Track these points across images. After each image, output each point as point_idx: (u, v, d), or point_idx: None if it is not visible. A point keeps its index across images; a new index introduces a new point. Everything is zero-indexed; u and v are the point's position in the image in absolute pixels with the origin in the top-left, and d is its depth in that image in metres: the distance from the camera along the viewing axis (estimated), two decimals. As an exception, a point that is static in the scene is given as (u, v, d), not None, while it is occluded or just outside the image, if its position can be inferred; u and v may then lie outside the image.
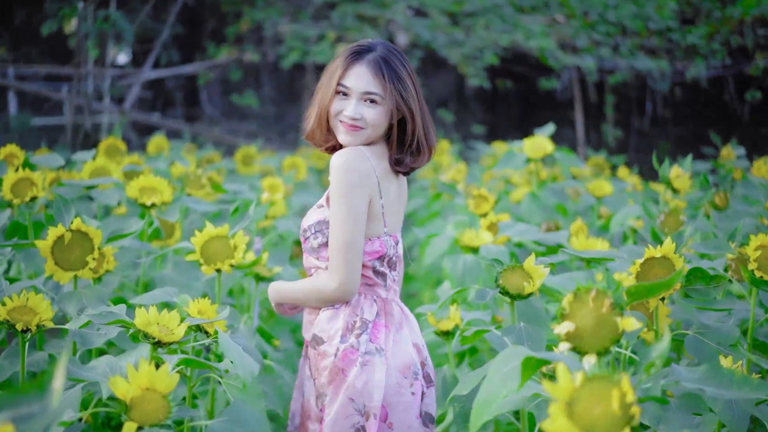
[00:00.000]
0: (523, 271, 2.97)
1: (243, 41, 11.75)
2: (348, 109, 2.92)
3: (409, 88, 2.95)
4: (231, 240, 3.38)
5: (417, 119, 2.97)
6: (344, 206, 2.83)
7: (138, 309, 2.58)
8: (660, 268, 2.93)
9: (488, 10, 11.14)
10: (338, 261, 2.85)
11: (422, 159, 3.03)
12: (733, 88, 11.92)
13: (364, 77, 2.91)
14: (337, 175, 2.85)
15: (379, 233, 2.94)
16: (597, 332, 2.01)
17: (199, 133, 11.05)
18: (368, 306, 2.94)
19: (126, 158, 5.55)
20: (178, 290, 4.12)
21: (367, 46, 2.97)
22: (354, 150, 2.89)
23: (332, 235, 2.86)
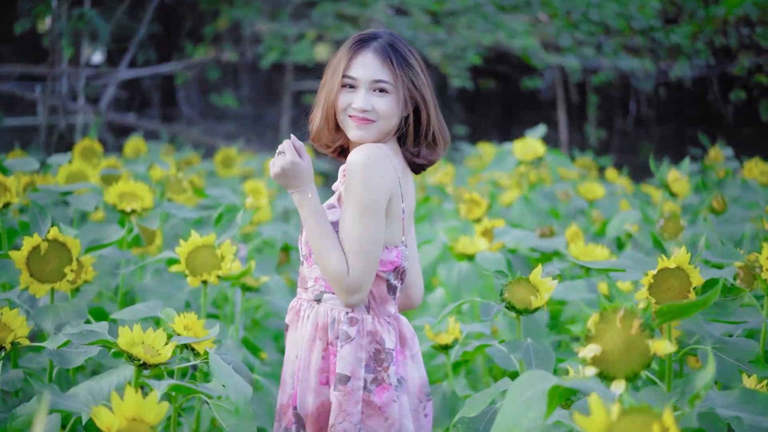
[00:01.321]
0: (529, 283, 2.81)
1: (221, 40, 11.55)
2: (357, 100, 2.68)
3: (420, 75, 2.73)
4: (218, 249, 3.20)
5: (431, 108, 2.75)
6: (367, 214, 2.57)
7: (121, 328, 2.39)
8: (675, 280, 2.78)
9: (470, 9, 10.98)
10: (358, 280, 2.59)
11: (438, 152, 2.80)
12: (717, 88, 11.84)
13: (371, 65, 2.68)
14: (358, 172, 2.58)
15: (397, 242, 2.70)
16: (626, 356, 1.85)
17: (176, 134, 10.84)
18: (386, 332, 2.69)
19: (103, 161, 5.35)
20: (160, 301, 3.94)
21: (371, 34, 2.76)
22: (373, 146, 2.63)
23: (348, 230, 2.59)
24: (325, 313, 2.72)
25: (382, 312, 2.71)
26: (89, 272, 3.44)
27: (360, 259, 2.58)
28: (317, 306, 2.74)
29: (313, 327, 2.73)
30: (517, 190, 5.75)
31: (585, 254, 3.95)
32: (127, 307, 4.29)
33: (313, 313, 2.74)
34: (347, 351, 2.65)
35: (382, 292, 2.70)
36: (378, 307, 2.70)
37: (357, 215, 2.58)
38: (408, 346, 2.75)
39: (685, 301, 1.89)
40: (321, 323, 2.71)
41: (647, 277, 2.78)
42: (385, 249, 2.67)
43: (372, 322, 2.68)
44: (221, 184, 7.09)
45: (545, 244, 4.10)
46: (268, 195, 5.43)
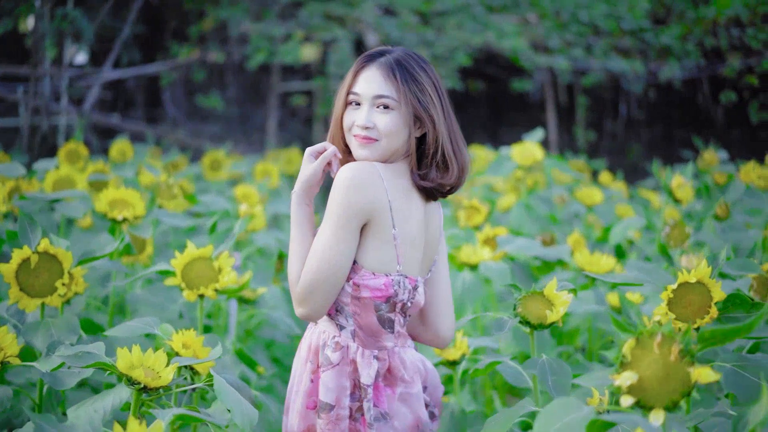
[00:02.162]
0: (544, 297, 2.69)
1: (207, 41, 11.38)
2: (359, 117, 2.58)
3: (428, 92, 2.59)
4: (215, 261, 3.08)
5: (440, 128, 2.60)
6: (334, 229, 2.48)
7: (120, 350, 2.26)
8: (695, 295, 2.67)
9: (459, 9, 10.86)
10: (305, 291, 2.51)
11: (450, 176, 2.63)
12: (707, 89, 11.77)
13: (375, 80, 2.58)
14: (338, 192, 2.48)
15: (389, 269, 2.54)
16: (665, 384, 1.73)
17: (162, 136, 10.68)
18: (365, 366, 2.56)
19: (90, 165, 5.21)
20: (155, 317, 3.81)
21: (381, 50, 2.64)
22: (363, 164, 2.52)
23: (310, 257, 2.51)
24: (318, 334, 2.64)
25: (372, 344, 2.59)
26: (80, 284, 3.30)
27: (310, 271, 2.51)
28: (313, 326, 2.68)
29: (307, 347, 2.66)
30: (513, 195, 5.64)
31: (590, 264, 3.84)
32: (117, 317, 4.18)
33: (309, 333, 2.69)
34: (329, 377, 2.57)
35: (372, 322, 2.57)
36: (366, 338, 2.59)
37: (325, 229, 2.51)
38: (402, 383, 2.62)
39: (729, 326, 1.78)
40: (314, 345, 2.64)
41: (666, 291, 2.67)
42: (372, 275, 2.54)
43: (355, 351, 2.58)
44: (209, 188, 6.96)
45: (549, 253, 3.98)
46: (259, 200, 5.29)
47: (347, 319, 2.57)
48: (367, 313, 2.55)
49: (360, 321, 2.56)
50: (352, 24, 10.73)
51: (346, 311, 2.56)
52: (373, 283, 2.53)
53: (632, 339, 1.76)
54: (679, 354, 1.73)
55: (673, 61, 10.97)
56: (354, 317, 2.56)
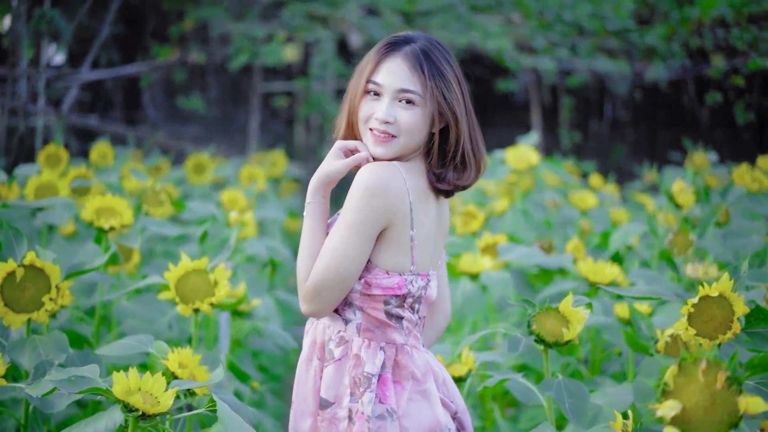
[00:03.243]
0: (559, 313, 2.57)
1: (187, 41, 11.21)
2: (379, 110, 2.42)
3: (453, 88, 2.45)
4: (210, 274, 2.94)
5: (462, 126, 2.46)
6: (350, 233, 2.34)
7: (116, 374, 2.12)
8: (717, 309, 2.55)
9: (442, 9, 10.74)
10: (313, 290, 2.38)
11: (468, 176, 2.51)
12: (692, 90, 11.71)
13: (400, 72, 2.42)
14: (359, 196, 2.34)
15: (403, 269, 2.43)
16: (711, 415, 1.61)
17: (142, 138, 10.50)
18: (371, 356, 2.42)
19: (71, 170, 5.05)
20: (141, 325, 3.67)
21: (405, 37, 2.48)
22: (387, 167, 2.38)
23: (322, 256, 2.38)
24: (323, 330, 2.50)
25: (380, 337, 2.45)
26: (66, 297, 3.15)
27: (322, 269, 2.37)
28: (316, 322, 2.53)
29: (311, 343, 2.52)
30: (506, 199, 5.51)
31: (594, 273, 3.72)
32: (102, 328, 4.03)
33: (312, 329, 2.55)
34: (331, 372, 2.45)
35: (379, 316, 2.45)
36: (375, 330, 2.45)
37: (341, 229, 2.37)
38: (413, 380, 2.46)
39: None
40: (319, 341, 2.50)
41: (687, 306, 2.56)
42: (385, 274, 2.42)
43: (359, 345, 2.44)
44: (193, 192, 6.81)
45: (551, 261, 3.86)
46: (247, 206, 5.14)
47: (354, 312, 2.45)
48: (375, 308, 2.44)
49: (367, 315, 2.44)
50: (335, 24, 10.60)
51: (354, 306, 2.45)
52: (386, 282, 2.42)
53: (675, 365, 1.64)
54: (725, 382, 1.61)
55: (658, 61, 10.90)
56: (361, 311, 2.44)
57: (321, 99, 10.68)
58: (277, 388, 5.57)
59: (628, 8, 10.96)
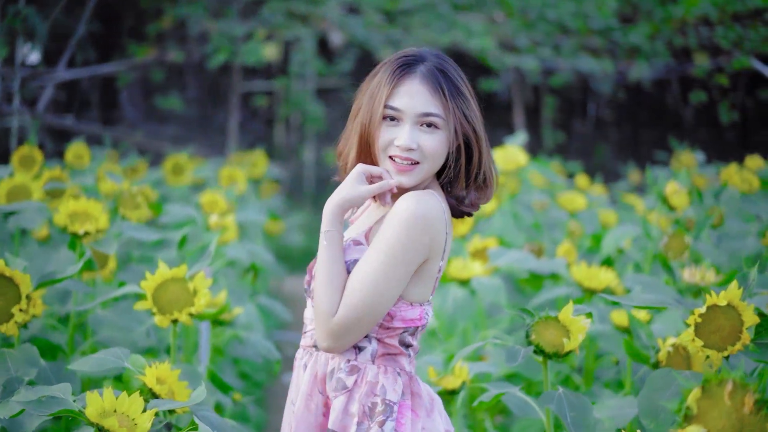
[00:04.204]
0: (559, 323, 2.44)
1: (165, 40, 11.04)
2: (401, 137, 2.26)
3: (472, 105, 2.31)
4: (189, 283, 2.78)
5: (483, 144, 2.32)
6: (390, 266, 2.19)
7: (90, 394, 1.97)
8: (724, 319, 2.43)
9: (424, 7, 10.63)
10: (343, 327, 2.21)
11: (488, 195, 2.38)
12: (676, 90, 11.64)
13: (419, 95, 2.26)
14: (403, 227, 2.19)
15: (423, 300, 2.29)
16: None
17: (119, 138, 10.32)
18: (391, 383, 2.27)
19: (46, 171, 4.88)
20: (117, 334, 3.51)
21: (416, 55, 2.31)
22: (431, 198, 2.23)
23: (355, 291, 2.21)
24: (325, 362, 2.32)
25: (393, 365, 2.30)
26: (38, 306, 3.00)
27: (355, 304, 2.20)
28: (316, 353, 2.34)
29: (311, 377, 2.33)
30: (493, 201, 5.37)
31: (589, 278, 3.60)
32: (77, 335, 3.87)
33: (312, 362, 2.35)
34: (341, 403, 2.27)
35: (394, 344, 2.30)
36: (386, 357, 2.30)
37: (379, 261, 2.20)
38: (422, 407, 2.33)
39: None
40: (320, 373, 2.32)
41: (693, 316, 2.43)
42: (409, 305, 2.28)
43: (376, 372, 2.28)
44: (172, 194, 6.65)
45: (544, 266, 3.73)
46: (227, 208, 4.99)
47: (370, 341, 2.29)
48: (391, 338, 2.29)
49: (382, 344, 2.29)
50: (315, 22, 10.46)
51: (370, 336, 2.29)
52: (409, 314, 2.28)
53: (698, 388, 1.51)
54: (754, 405, 1.47)
55: (642, 60, 10.82)
56: (377, 341, 2.29)
57: (301, 98, 10.54)
58: (259, 396, 5.43)
59: (611, 7, 10.87)
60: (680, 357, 2.88)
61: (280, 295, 8.27)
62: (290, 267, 8.70)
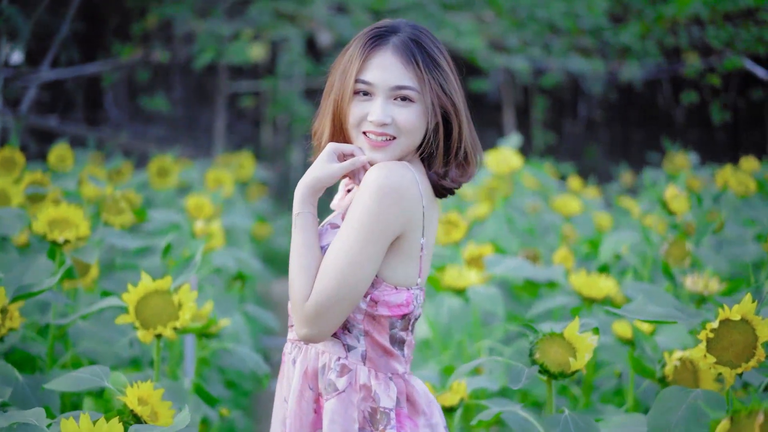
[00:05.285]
0: (564, 340, 2.31)
1: (150, 39, 10.88)
2: (373, 111, 2.15)
3: (450, 77, 2.19)
4: (174, 295, 2.65)
5: (462, 117, 2.21)
6: (362, 243, 2.06)
7: (65, 421, 1.84)
8: (738, 334, 2.31)
9: (412, 6, 10.51)
10: (316, 311, 2.08)
11: (470, 172, 2.27)
12: (667, 90, 11.55)
13: (392, 67, 2.15)
14: (372, 199, 2.07)
15: (411, 283, 2.16)
16: (771, 479, 1.36)
17: (104, 140, 10.16)
18: (384, 388, 2.14)
19: (27, 174, 4.73)
20: (98, 346, 3.37)
21: (388, 26, 2.20)
22: (400, 167, 2.12)
23: (327, 273, 2.08)
24: (316, 357, 2.19)
25: (383, 366, 2.17)
26: (15, 319, 2.87)
27: (327, 285, 2.08)
28: (306, 347, 2.21)
29: (301, 373, 2.20)
30: (486, 205, 5.25)
31: (588, 286, 3.47)
32: (59, 345, 3.72)
33: (301, 356, 2.22)
34: (335, 406, 2.14)
35: (385, 341, 2.17)
36: (378, 359, 2.17)
37: (350, 238, 2.08)
38: (423, 415, 2.21)
39: None
40: (311, 369, 2.19)
41: (705, 331, 2.30)
42: (393, 289, 2.15)
43: (366, 375, 2.15)
44: (157, 198, 6.50)
45: (541, 274, 3.61)
46: (213, 213, 4.85)
47: (358, 338, 2.16)
48: (380, 332, 2.16)
49: (372, 340, 2.16)
50: (303, 22, 10.32)
51: (357, 330, 2.16)
52: (394, 299, 2.15)
53: (726, 420, 1.38)
54: (788, 440, 1.35)
55: (633, 60, 10.73)
56: (366, 336, 2.16)
57: (289, 99, 10.41)
58: (246, 405, 5.30)
59: (601, 6, 10.77)
60: (687, 371, 2.76)
61: (268, 299, 8.14)
62: (277, 271, 8.57)
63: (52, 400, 2.81)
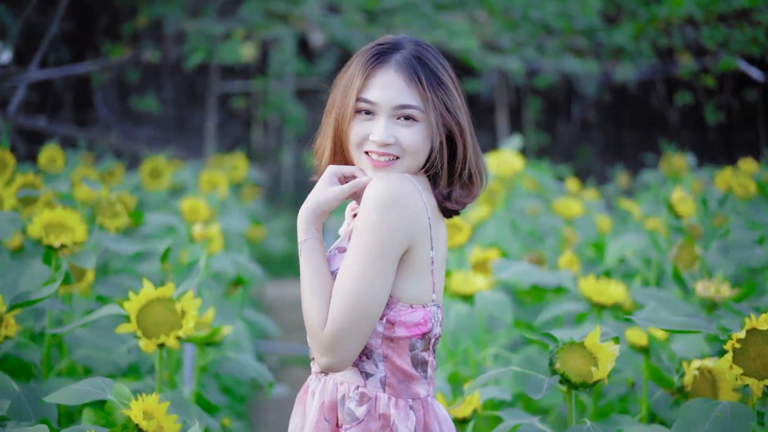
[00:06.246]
0: (585, 349, 2.23)
1: (141, 39, 10.76)
2: (376, 131, 2.08)
3: (455, 95, 2.13)
4: (177, 303, 2.56)
5: (467, 137, 2.14)
6: (371, 259, 1.99)
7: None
8: (765, 344, 2.23)
9: (405, 6, 10.42)
10: (334, 338, 2.00)
11: (474, 193, 2.19)
12: (662, 91, 11.50)
13: (395, 86, 2.08)
14: (376, 212, 2.00)
15: (425, 300, 2.09)
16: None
17: (94, 140, 10.05)
18: (402, 418, 2.06)
19: (18, 176, 4.62)
20: (96, 354, 3.28)
21: (391, 43, 2.14)
22: (400, 178, 2.05)
23: (340, 296, 2.01)
24: (334, 388, 2.11)
25: (405, 392, 2.09)
26: (11, 327, 2.78)
27: (342, 311, 2.00)
28: (324, 378, 2.13)
29: (318, 405, 2.12)
30: (486, 207, 5.17)
31: (598, 292, 3.39)
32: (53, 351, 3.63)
33: (320, 388, 2.14)
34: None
35: (405, 365, 2.09)
36: (399, 385, 2.09)
37: (358, 257, 2.01)
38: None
39: None
40: (328, 400, 2.11)
41: (731, 341, 2.23)
42: (409, 308, 2.07)
43: (386, 402, 2.07)
44: (149, 200, 6.40)
45: (549, 279, 3.52)
46: (209, 216, 4.76)
47: (377, 364, 2.08)
48: (400, 355, 2.08)
49: (392, 365, 2.08)
50: (295, 22, 10.23)
51: (376, 355, 2.08)
52: (410, 318, 2.07)
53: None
54: None
55: (627, 60, 10.68)
56: (385, 361, 2.08)
57: (281, 99, 10.32)
58: (243, 412, 5.21)
59: (594, 7, 10.72)
60: (706, 381, 2.68)
61: (262, 302, 8.05)
62: (271, 273, 8.48)
63: (50, 411, 2.72)
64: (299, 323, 7.00)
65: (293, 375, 6.23)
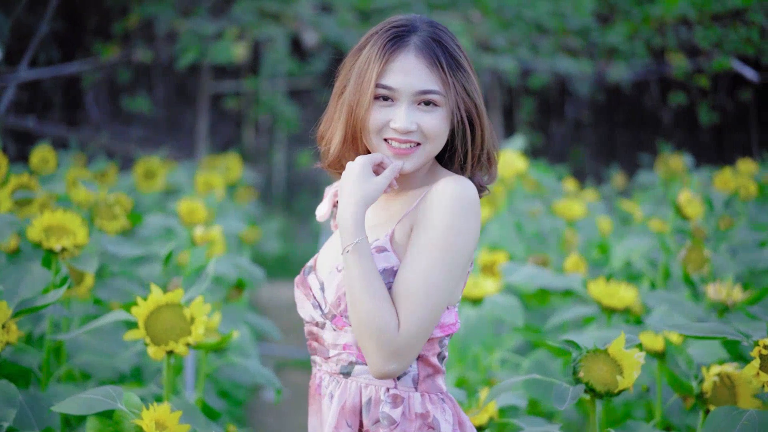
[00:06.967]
0: (609, 357, 2.17)
1: (132, 39, 10.68)
2: (398, 118, 2.01)
3: (472, 78, 2.07)
4: (186, 309, 2.49)
5: (485, 119, 2.09)
6: (448, 264, 1.93)
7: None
8: (790, 351, 2.18)
9: (398, 6, 10.36)
10: (409, 342, 1.91)
11: (492, 175, 2.15)
12: (655, 91, 11.47)
13: (416, 71, 2.01)
14: (454, 213, 1.93)
15: (455, 301, 2.06)
16: None
17: (85, 141, 9.96)
18: (441, 413, 2.02)
19: (12, 178, 4.55)
20: (98, 360, 3.21)
21: (406, 24, 2.06)
22: (466, 179, 1.99)
23: (413, 300, 1.92)
24: (357, 391, 2.04)
25: (433, 387, 2.05)
26: (12, 333, 2.71)
27: (420, 315, 1.92)
28: (345, 381, 2.06)
29: (338, 409, 2.04)
30: (487, 208, 5.12)
31: (609, 296, 3.34)
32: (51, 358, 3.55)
33: (339, 391, 2.06)
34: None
35: (434, 362, 2.05)
36: (426, 380, 2.04)
37: (434, 261, 1.92)
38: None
39: None
40: (349, 404, 2.04)
41: (758, 347, 2.18)
42: (446, 309, 2.03)
43: (421, 401, 2.02)
44: (144, 201, 6.32)
45: (558, 283, 3.47)
46: (207, 218, 4.68)
47: (411, 363, 2.02)
48: (431, 352, 2.05)
49: (424, 362, 2.04)
50: (287, 22, 10.16)
51: None
52: (447, 319, 2.04)
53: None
54: None
55: (620, 61, 10.65)
56: (419, 359, 2.03)
57: (273, 100, 10.25)
58: (241, 416, 5.15)
59: (588, 6, 10.69)
60: (725, 387, 2.63)
61: (257, 303, 7.98)
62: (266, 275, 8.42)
63: (53, 419, 2.66)
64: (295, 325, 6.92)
65: (290, 378, 6.17)
